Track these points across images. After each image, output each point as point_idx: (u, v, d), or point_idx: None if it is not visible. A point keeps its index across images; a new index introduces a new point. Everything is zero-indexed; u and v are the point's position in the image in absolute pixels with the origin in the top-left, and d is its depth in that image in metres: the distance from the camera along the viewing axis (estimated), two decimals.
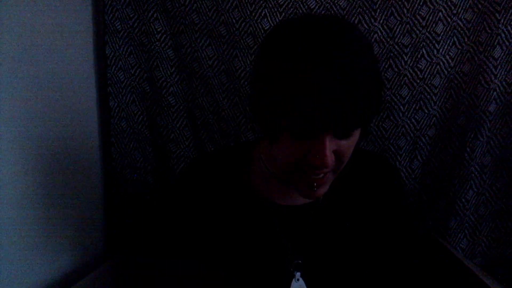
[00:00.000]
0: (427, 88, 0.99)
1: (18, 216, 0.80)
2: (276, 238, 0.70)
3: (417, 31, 0.96)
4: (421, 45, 0.97)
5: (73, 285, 0.87)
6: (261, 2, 0.98)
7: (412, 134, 1.01)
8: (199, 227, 0.70)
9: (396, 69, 0.98)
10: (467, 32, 0.96)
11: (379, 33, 0.97)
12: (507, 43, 0.93)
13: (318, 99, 0.52)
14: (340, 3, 0.98)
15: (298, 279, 0.69)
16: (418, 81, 0.98)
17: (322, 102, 0.52)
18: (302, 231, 0.70)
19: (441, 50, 0.97)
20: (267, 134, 0.62)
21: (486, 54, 0.94)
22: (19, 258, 0.81)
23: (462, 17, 0.95)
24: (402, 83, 0.98)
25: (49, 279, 0.89)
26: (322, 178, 0.60)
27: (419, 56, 0.97)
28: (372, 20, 0.97)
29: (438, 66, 0.97)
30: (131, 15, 1.02)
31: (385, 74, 0.98)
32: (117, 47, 1.03)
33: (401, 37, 0.97)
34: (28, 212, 0.82)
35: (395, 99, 0.99)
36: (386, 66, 0.98)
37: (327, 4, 0.98)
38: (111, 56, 1.03)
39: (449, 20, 0.95)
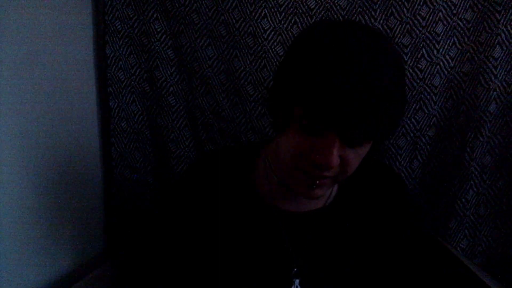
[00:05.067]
0: (427, 88, 0.98)
1: (18, 216, 0.80)
2: (278, 244, 0.69)
3: (417, 31, 0.96)
4: (421, 45, 0.97)
5: (73, 285, 0.87)
6: (261, 2, 0.98)
7: (412, 134, 1.01)
8: (200, 228, 0.69)
9: None
10: (467, 32, 0.96)
11: None
12: (507, 43, 0.93)
13: (337, 96, 0.51)
14: (340, 3, 0.98)
15: (297, 287, 0.69)
16: (418, 81, 0.98)
17: (339, 100, 0.51)
18: (304, 238, 0.70)
19: (441, 50, 0.97)
20: (278, 121, 0.61)
21: (486, 54, 0.94)
22: (19, 258, 0.81)
23: (462, 17, 0.95)
24: None
25: (49, 279, 0.89)
26: (322, 179, 0.59)
27: (419, 56, 0.97)
28: (372, 20, 0.97)
29: (438, 66, 0.97)
30: (131, 15, 1.02)
31: None
32: (117, 47, 1.03)
33: (401, 37, 0.97)
34: (28, 212, 0.82)
35: None
36: None
37: (327, 4, 0.98)
38: (111, 56, 1.03)
39: (449, 20, 0.95)
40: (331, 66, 0.52)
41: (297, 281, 0.68)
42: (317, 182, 0.59)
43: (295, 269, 0.68)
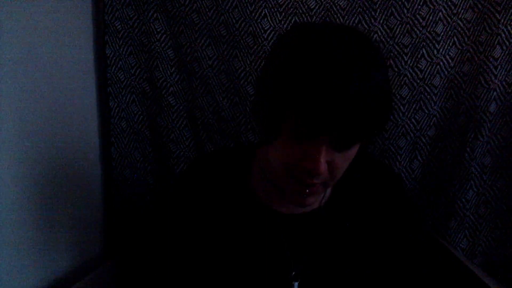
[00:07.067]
0: (427, 88, 0.99)
1: (18, 216, 0.80)
2: (275, 246, 0.69)
3: (417, 31, 0.96)
4: (421, 45, 0.97)
5: (73, 285, 0.87)
6: (261, 2, 0.98)
7: (412, 134, 1.01)
8: (198, 230, 0.69)
9: (396, 69, 0.98)
10: (467, 32, 0.96)
11: (379, 33, 0.97)
12: (507, 43, 0.93)
13: (322, 101, 0.51)
14: (340, 3, 0.98)
15: None
16: (418, 81, 0.98)
17: (325, 106, 0.51)
18: (301, 240, 0.69)
19: (441, 50, 0.97)
20: (265, 132, 0.61)
21: (486, 54, 0.94)
22: (19, 258, 0.81)
23: (462, 17, 0.95)
24: (402, 83, 0.98)
25: (49, 279, 0.89)
26: (313, 187, 0.59)
27: (419, 56, 0.97)
28: (372, 20, 0.97)
29: (438, 66, 0.97)
30: (131, 15, 1.02)
31: None
32: (117, 47, 1.03)
33: (401, 37, 0.97)
34: (28, 212, 0.82)
35: (395, 99, 0.99)
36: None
37: (327, 4, 0.98)
38: (111, 56, 1.03)
39: (449, 20, 0.95)
40: (318, 69, 0.51)
41: (296, 283, 0.68)
42: (307, 191, 0.60)
43: (293, 273, 0.68)
